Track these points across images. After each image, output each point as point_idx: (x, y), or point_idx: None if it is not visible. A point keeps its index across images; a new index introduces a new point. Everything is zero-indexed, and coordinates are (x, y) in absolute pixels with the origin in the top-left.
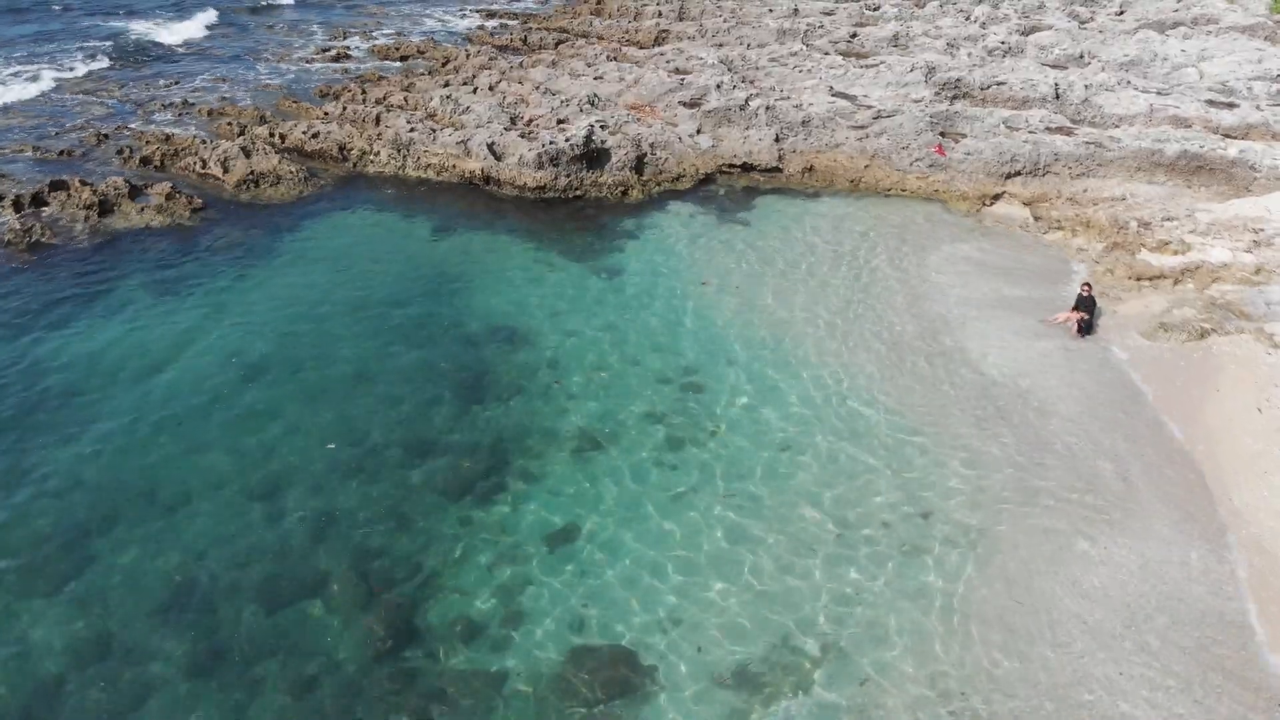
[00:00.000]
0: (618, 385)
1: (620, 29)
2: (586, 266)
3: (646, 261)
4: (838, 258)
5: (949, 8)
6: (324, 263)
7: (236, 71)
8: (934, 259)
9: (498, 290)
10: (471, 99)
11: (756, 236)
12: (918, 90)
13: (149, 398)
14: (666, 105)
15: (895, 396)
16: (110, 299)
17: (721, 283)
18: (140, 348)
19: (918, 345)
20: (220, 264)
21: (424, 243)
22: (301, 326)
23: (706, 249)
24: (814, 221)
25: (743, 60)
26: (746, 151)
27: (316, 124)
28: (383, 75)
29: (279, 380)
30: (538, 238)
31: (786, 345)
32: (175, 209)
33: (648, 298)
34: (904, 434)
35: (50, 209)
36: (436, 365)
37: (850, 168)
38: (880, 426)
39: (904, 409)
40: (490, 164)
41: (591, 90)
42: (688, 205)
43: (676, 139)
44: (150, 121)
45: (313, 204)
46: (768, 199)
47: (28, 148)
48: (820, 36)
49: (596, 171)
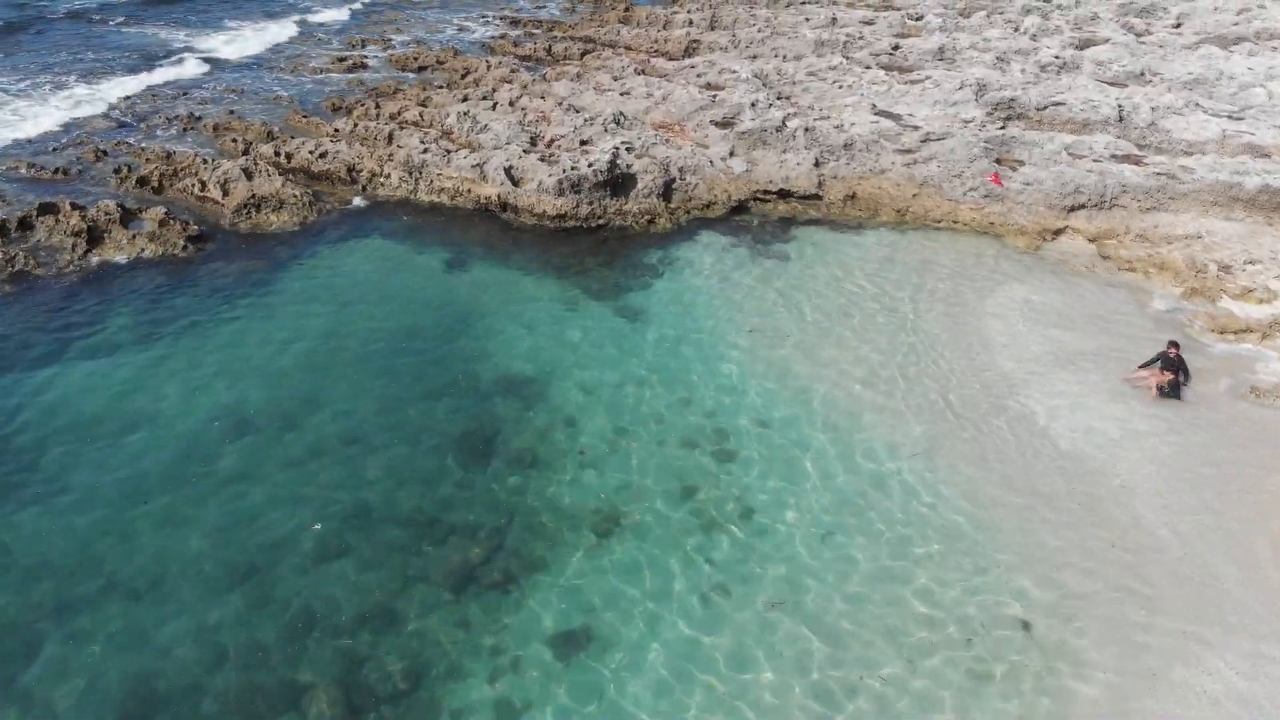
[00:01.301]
0: (641, 450)
1: (649, 38)
2: (609, 307)
3: (674, 302)
4: (885, 301)
5: (996, 18)
6: (325, 301)
7: (247, 82)
8: (992, 303)
9: (513, 334)
10: (490, 116)
11: (795, 275)
12: (968, 110)
13: (124, 458)
14: (697, 124)
15: (954, 473)
16: (91, 340)
17: (757, 329)
18: (119, 398)
19: (977, 408)
20: (213, 302)
21: (435, 278)
22: (296, 376)
23: (740, 288)
24: (858, 258)
25: (778, 74)
26: (783, 177)
27: (325, 142)
28: (399, 87)
29: (267, 440)
30: (557, 273)
31: (830, 405)
32: (169, 237)
33: (675, 345)
34: (964, 520)
35: (37, 234)
36: (443, 424)
37: (897, 196)
38: (938, 511)
39: (965, 489)
40: (507, 190)
41: (617, 107)
42: (719, 236)
43: (707, 162)
44: (153, 136)
45: (317, 232)
46: (806, 230)
47: (22, 164)
48: (860, 48)
49: (621, 198)
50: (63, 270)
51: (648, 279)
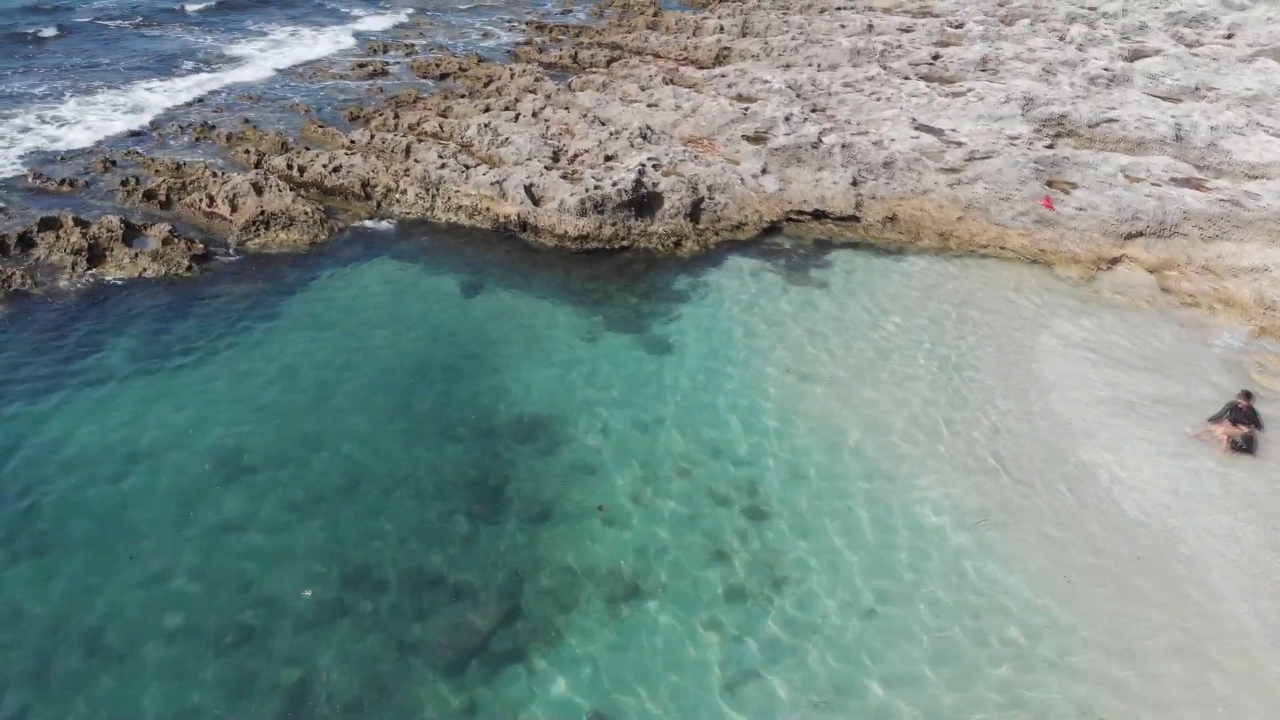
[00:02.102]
0: (665, 505)
1: (678, 45)
2: (632, 338)
3: (702, 333)
4: (929, 336)
5: (1039, 26)
6: (333, 328)
7: (267, 89)
8: (1046, 341)
9: (530, 368)
10: (512, 128)
11: (831, 305)
12: (1014, 125)
13: (114, 504)
14: (728, 139)
15: (1010, 543)
16: (86, 368)
17: (793, 370)
18: (112, 434)
19: (1032, 463)
20: (216, 327)
21: (449, 303)
22: (297, 411)
23: (772, 320)
24: (899, 286)
25: (813, 85)
26: (819, 197)
27: (340, 155)
28: (420, 95)
29: (265, 484)
30: (578, 299)
31: (871, 458)
32: (172, 256)
33: (703, 382)
34: (1020, 601)
35: (38, 251)
36: (452, 469)
37: (940, 219)
38: (993, 589)
39: (1021, 561)
40: (527, 209)
41: (644, 120)
42: (750, 261)
43: (738, 180)
44: (165, 146)
45: (327, 252)
46: (843, 255)
47: (29, 173)
48: (899, 58)
49: (646, 219)
50: (62, 290)
51: (674, 307)
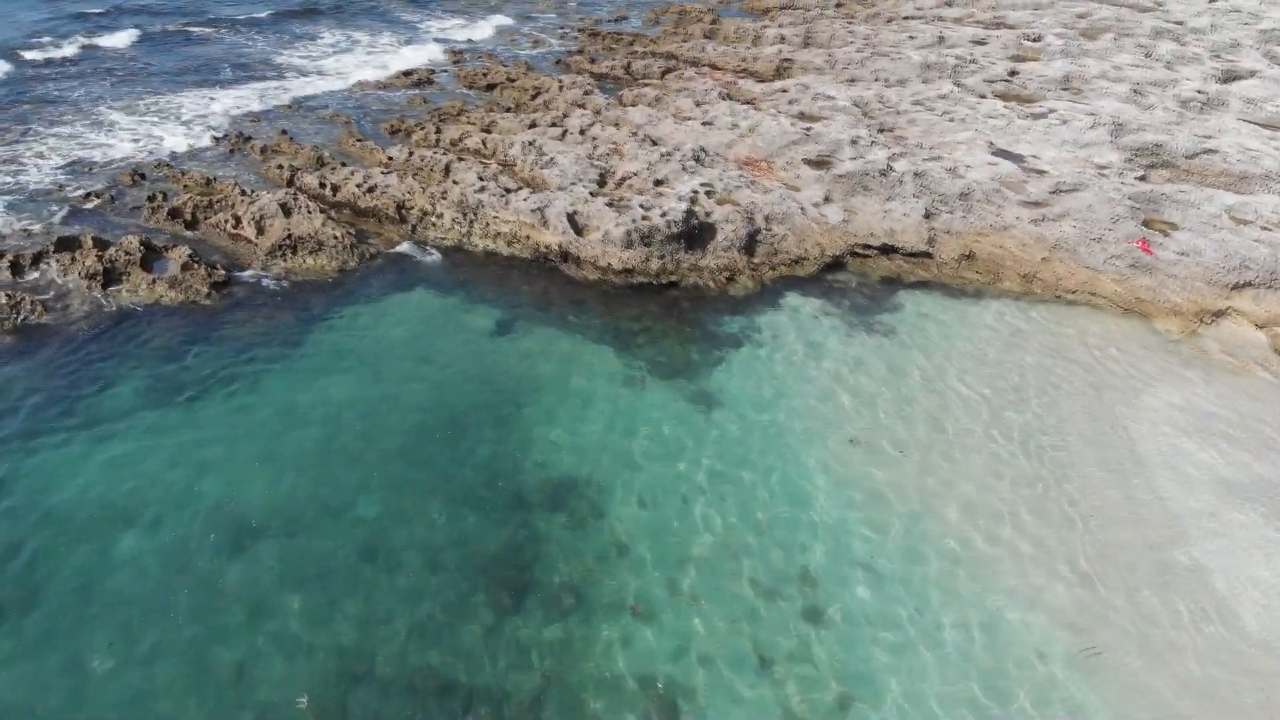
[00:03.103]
0: (708, 598)
1: (736, 56)
2: (678, 389)
3: (755, 388)
4: (1012, 398)
5: (1124, 41)
6: (356, 369)
7: (304, 93)
8: (1145, 408)
9: (564, 422)
10: (557, 147)
11: (899, 357)
12: (1103, 153)
13: (104, 571)
14: (788, 162)
15: (1110, 670)
16: (89, 407)
17: (857, 441)
18: (108, 486)
19: (1132, 563)
20: (232, 365)
21: (482, 343)
22: (312, 465)
23: (832, 373)
24: (977, 336)
25: (880, 103)
26: (887, 230)
27: (375, 174)
28: (464, 108)
29: (270, 556)
30: (620, 342)
31: (947, 552)
32: (191, 283)
33: (754, 447)
34: None
35: (51, 272)
36: (475, 541)
37: (1023, 259)
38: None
39: (1126, 694)
40: (570, 239)
41: (698, 140)
42: (810, 301)
43: (798, 209)
44: (198, 156)
45: (356, 281)
46: (914, 297)
47: (55, 186)
48: (972, 73)
49: (697, 252)
50: (73, 318)
51: (724, 354)
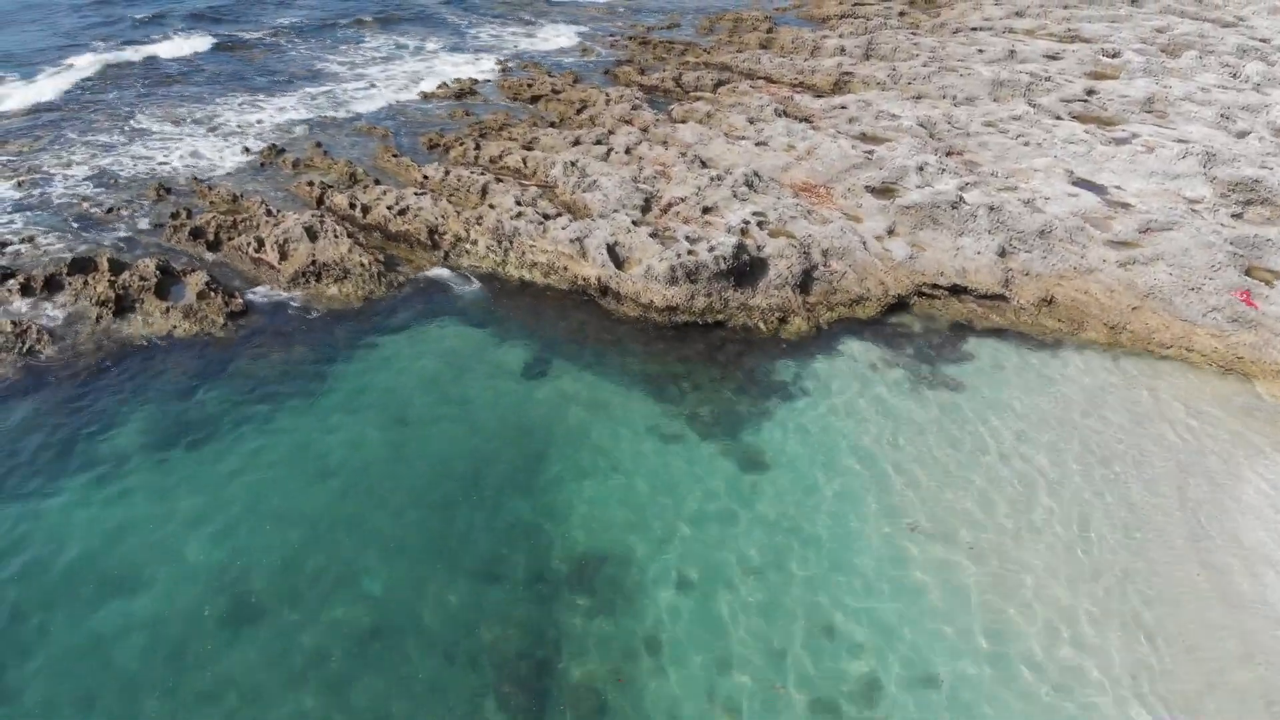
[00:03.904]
0: (752, 712)
1: (793, 68)
2: (722, 447)
3: (807, 448)
4: (1098, 473)
5: (1209, 59)
6: (377, 412)
7: (343, 103)
8: (1250, 489)
9: (597, 480)
10: (601, 168)
11: (969, 416)
12: (1194, 186)
13: (91, 642)
14: (848, 189)
15: None
16: (90, 451)
17: (919, 528)
18: (104, 543)
19: (1248, 687)
20: (243, 407)
21: (510, 385)
22: (321, 527)
23: (892, 438)
24: (1056, 395)
25: (948, 123)
26: (958, 269)
27: (408, 195)
28: (506, 121)
29: (268, 632)
30: (661, 388)
31: (1031, 665)
32: (206, 313)
33: (808, 521)
34: None
35: (64, 296)
36: (491, 627)
37: (1109, 307)
38: None
39: None
40: (609, 273)
41: (751, 162)
42: (870, 348)
43: (859, 243)
44: (225, 168)
45: (382, 310)
46: (986, 345)
47: (79, 199)
48: (1047, 91)
49: (747, 290)
50: (81, 349)
51: (775, 407)
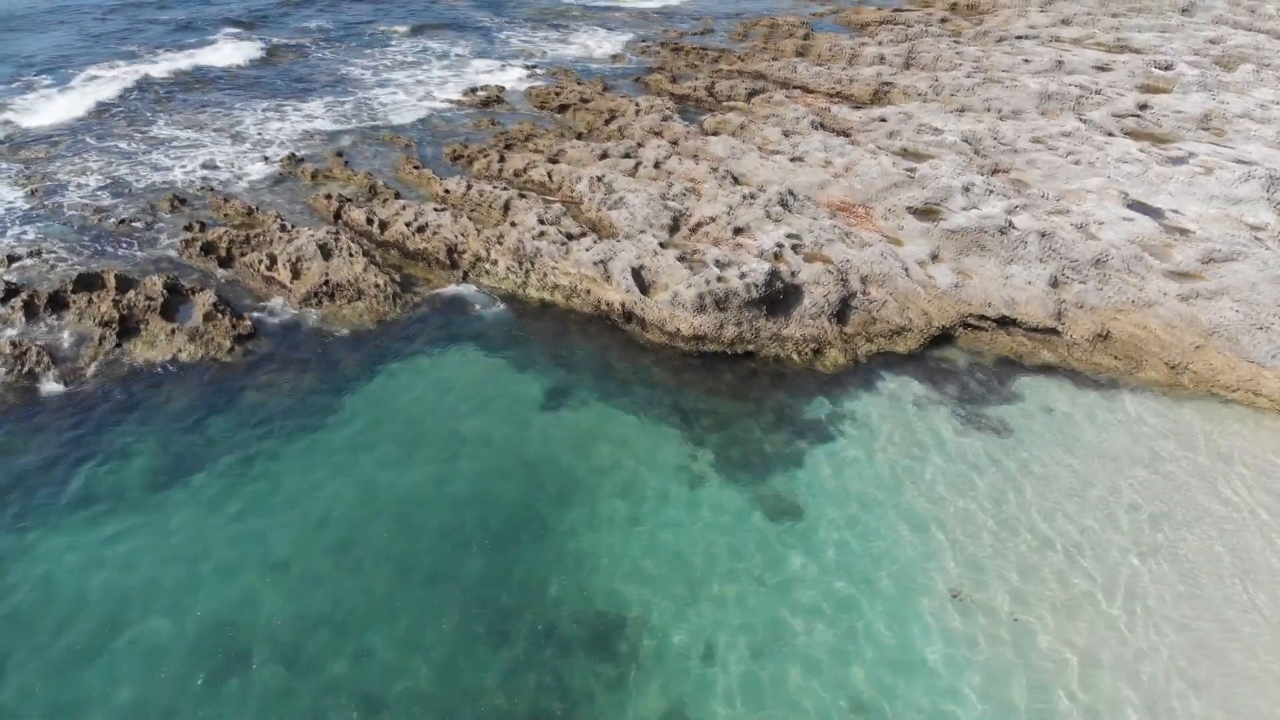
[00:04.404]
0: None
1: (830, 78)
2: (751, 492)
3: (844, 496)
4: (1163, 535)
5: (1265, 73)
6: (388, 448)
7: (367, 110)
8: None
9: (616, 530)
10: (628, 185)
11: (1016, 464)
12: (1256, 211)
13: (74, 694)
14: (889, 209)
15: None
16: (86, 485)
17: (963, 595)
18: (94, 587)
19: None
20: (249, 436)
21: (528, 417)
22: (320, 574)
23: (935, 484)
24: (1111, 443)
25: (994, 138)
26: (1007, 299)
27: (428, 212)
28: (532, 132)
29: (259, 693)
30: (686, 423)
31: None
32: (213, 336)
33: (843, 579)
34: None
35: (68, 316)
36: (499, 693)
37: (1170, 345)
38: None
39: None
40: (634, 298)
41: (785, 179)
42: (911, 384)
43: (900, 269)
44: (242, 177)
45: (396, 335)
46: (1036, 385)
47: (90, 209)
48: (1097, 105)
49: (780, 319)
50: (81, 373)
51: (807, 449)
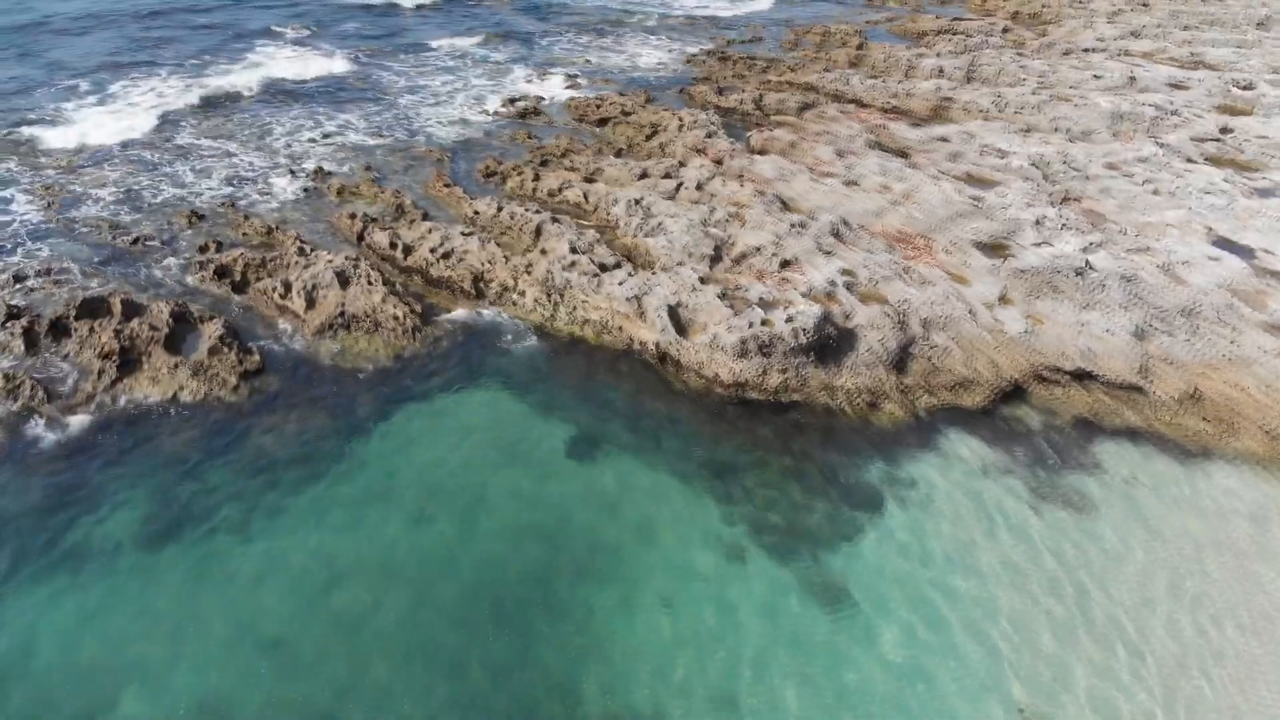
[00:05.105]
0: None
1: (886, 91)
2: (794, 571)
3: (901, 579)
4: (1258, 644)
5: None
6: (397, 506)
7: (402, 121)
8: None
9: (642, 614)
10: (668, 209)
11: (1096, 551)
12: None
13: None
14: (952, 243)
15: None
16: (75, 542)
17: (1029, 706)
18: (79, 661)
19: None
20: (249, 487)
21: (552, 468)
22: (315, 660)
23: (1006, 567)
24: (1205, 524)
25: (1064, 162)
26: (1084, 350)
27: (455, 235)
28: (569, 147)
29: None
30: (723, 482)
31: None
32: (218, 371)
33: (896, 682)
34: None
35: (68, 345)
36: None
37: (1269, 409)
38: None
39: None
40: (670, 339)
41: (838, 206)
42: (978, 446)
43: (965, 312)
44: (266, 191)
45: (414, 373)
46: (1118, 451)
47: (105, 224)
48: (1174, 127)
49: (831, 367)
50: (77, 410)
51: (860, 521)
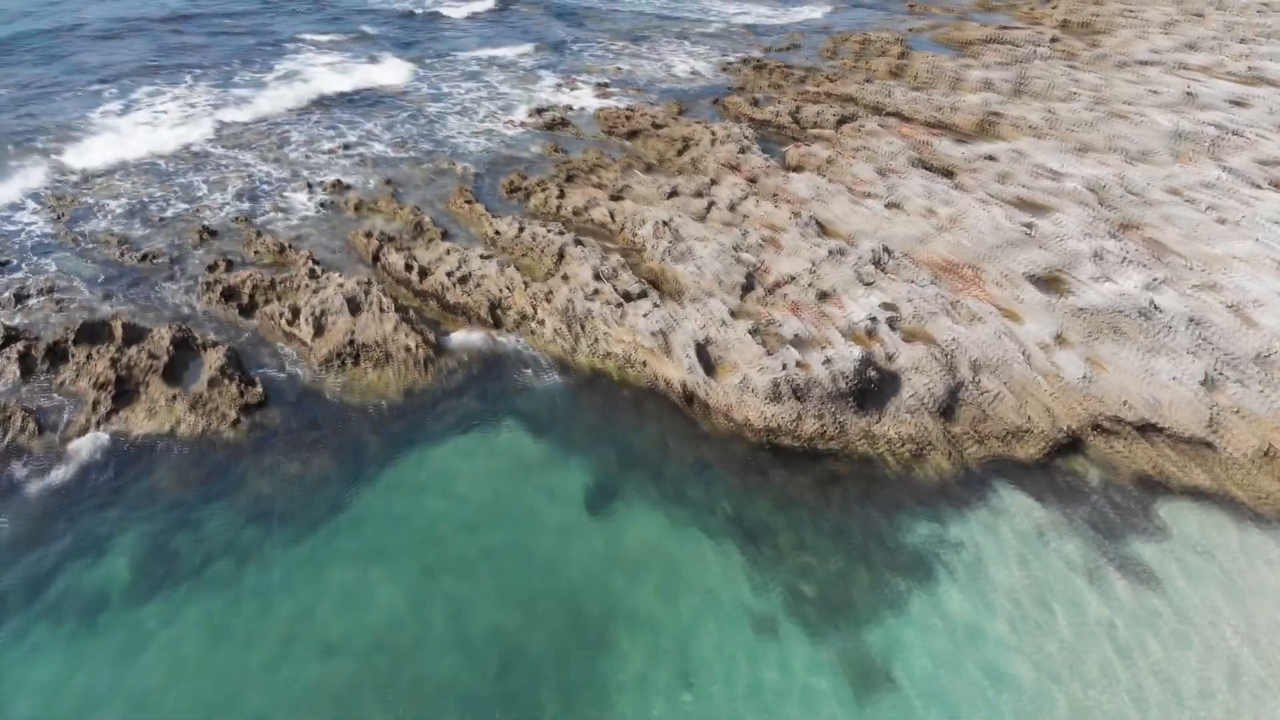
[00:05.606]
0: None
1: (930, 105)
2: (830, 649)
3: (951, 660)
4: None
5: None
6: (400, 561)
7: (425, 131)
8: None
9: (661, 696)
10: (697, 231)
11: (1163, 633)
12: None
13: None
14: (1004, 274)
15: None
16: (60, 589)
17: None
18: None
19: None
20: (245, 538)
21: (568, 522)
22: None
23: (1065, 647)
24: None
25: (1121, 186)
26: (1148, 399)
27: (473, 258)
28: (598, 162)
29: None
30: (752, 541)
31: None
32: (218, 404)
33: None
34: None
35: (65, 372)
36: None
37: None
38: None
39: None
40: (697, 379)
41: (879, 230)
42: (1034, 506)
43: (1019, 354)
44: (282, 206)
45: (425, 409)
46: (1185, 515)
47: (114, 239)
48: (1237, 148)
49: (871, 413)
50: (69, 444)
51: (905, 589)
